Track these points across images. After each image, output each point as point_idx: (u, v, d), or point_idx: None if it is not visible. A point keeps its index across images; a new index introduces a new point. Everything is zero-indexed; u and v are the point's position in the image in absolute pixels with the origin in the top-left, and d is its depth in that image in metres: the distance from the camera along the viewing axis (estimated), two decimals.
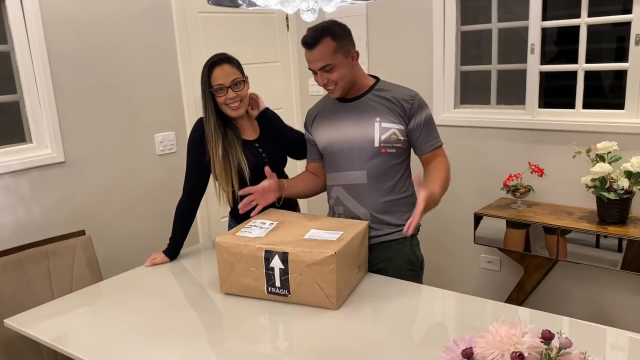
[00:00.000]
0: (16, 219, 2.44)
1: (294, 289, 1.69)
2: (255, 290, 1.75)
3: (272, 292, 1.73)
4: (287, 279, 1.69)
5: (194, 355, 1.49)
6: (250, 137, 2.16)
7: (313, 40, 1.85)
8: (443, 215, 3.18)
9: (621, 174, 2.45)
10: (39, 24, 2.43)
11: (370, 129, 1.92)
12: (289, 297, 1.71)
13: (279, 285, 1.71)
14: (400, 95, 1.93)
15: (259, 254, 1.71)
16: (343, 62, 1.88)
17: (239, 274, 1.76)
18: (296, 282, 1.68)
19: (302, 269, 1.66)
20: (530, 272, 2.81)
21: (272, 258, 1.70)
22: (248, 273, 1.75)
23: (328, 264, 1.63)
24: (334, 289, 1.65)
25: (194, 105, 3.01)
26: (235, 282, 1.78)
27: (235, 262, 1.76)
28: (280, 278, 1.70)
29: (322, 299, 1.67)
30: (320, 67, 1.87)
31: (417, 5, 3.07)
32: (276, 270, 1.70)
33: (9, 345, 2.01)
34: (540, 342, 0.97)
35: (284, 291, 1.71)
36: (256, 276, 1.73)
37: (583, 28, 2.67)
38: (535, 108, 2.85)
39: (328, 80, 1.89)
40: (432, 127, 1.97)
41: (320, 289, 1.66)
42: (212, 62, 2.08)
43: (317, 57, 1.86)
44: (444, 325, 1.64)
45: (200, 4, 3.03)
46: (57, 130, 2.53)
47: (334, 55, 1.86)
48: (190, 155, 2.15)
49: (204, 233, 3.15)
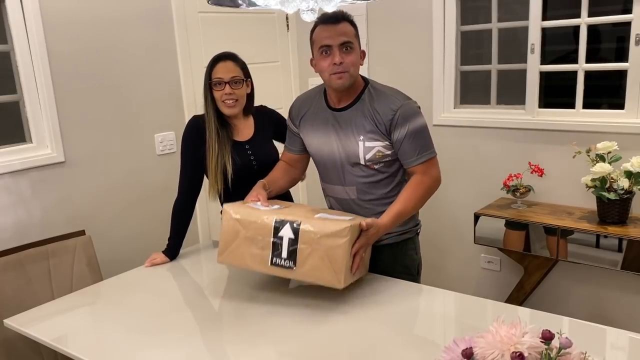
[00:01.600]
0: (16, 219, 2.44)
1: (301, 262, 1.61)
2: (257, 261, 1.68)
3: (276, 264, 1.65)
4: (296, 250, 1.62)
5: (193, 355, 1.49)
6: (242, 138, 2.16)
7: (338, 16, 1.78)
8: (443, 215, 3.18)
9: (621, 174, 2.45)
10: (39, 24, 2.43)
11: (355, 147, 1.85)
12: (293, 269, 1.63)
13: (285, 257, 1.63)
14: (382, 110, 1.82)
15: (269, 222, 1.66)
16: (358, 51, 1.83)
17: (243, 242, 1.68)
18: (304, 254, 1.61)
19: (313, 241, 1.60)
20: (530, 272, 2.81)
21: (282, 227, 1.64)
22: (253, 241, 1.67)
23: (341, 236, 1.59)
24: (344, 265, 1.59)
25: (194, 105, 3.01)
26: (236, 252, 1.70)
27: (241, 230, 1.69)
28: (288, 248, 1.63)
29: (329, 275, 1.60)
30: (341, 42, 1.77)
31: (417, 5, 3.07)
32: (285, 239, 1.63)
33: (9, 345, 2.01)
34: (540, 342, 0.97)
35: (290, 263, 1.63)
36: (262, 245, 1.66)
37: (583, 28, 2.67)
38: (535, 108, 2.85)
39: (344, 60, 1.77)
40: (418, 141, 1.82)
41: (330, 263, 1.59)
42: (218, 56, 2.10)
43: (340, 31, 1.77)
44: (444, 325, 1.64)
45: (200, 4, 3.03)
46: (57, 130, 2.53)
47: (355, 38, 1.81)
48: (186, 152, 2.15)
49: (203, 233, 3.15)
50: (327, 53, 1.79)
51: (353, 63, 1.80)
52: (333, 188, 1.98)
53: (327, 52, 1.79)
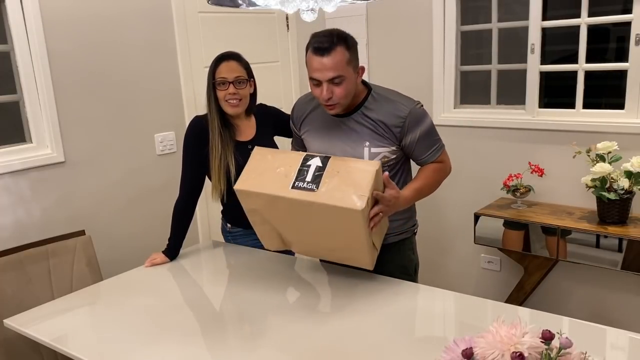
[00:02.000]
0: (16, 219, 2.44)
1: (323, 184, 1.61)
2: (277, 185, 1.65)
3: (298, 187, 1.63)
4: (321, 175, 1.62)
5: (193, 355, 1.49)
6: (244, 138, 2.16)
7: (329, 45, 1.67)
8: (443, 215, 3.18)
9: (621, 174, 2.45)
10: (39, 24, 2.43)
11: (359, 153, 1.82)
12: (315, 191, 1.60)
13: (309, 180, 1.63)
14: (389, 119, 1.80)
15: (298, 157, 1.69)
16: (351, 77, 1.74)
17: (268, 168, 1.68)
18: (329, 177, 1.61)
19: (341, 167, 1.62)
20: (530, 272, 2.81)
21: (312, 158, 1.67)
22: (278, 170, 1.67)
23: (371, 169, 1.60)
24: (368, 191, 1.56)
25: (194, 105, 3.01)
26: (258, 178, 1.69)
27: (270, 158, 1.70)
28: (314, 173, 1.63)
29: (349, 198, 1.56)
30: (330, 78, 1.69)
31: (417, 5, 3.07)
32: (312, 167, 1.65)
33: (9, 345, 2.01)
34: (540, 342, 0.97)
35: (312, 185, 1.61)
36: (287, 172, 1.66)
37: (583, 28, 2.67)
38: (535, 108, 2.85)
39: (333, 95, 1.72)
40: (429, 140, 1.86)
41: (353, 186, 1.57)
42: (221, 56, 2.10)
43: (329, 65, 1.68)
44: (444, 325, 1.64)
45: (200, 4, 3.03)
46: (57, 130, 2.53)
47: (346, 67, 1.70)
48: (188, 153, 2.15)
49: (203, 233, 3.15)
50: (318, 84, 1.74)
51: (343, 95, 1.74)
52: None
53: (317, 84, 1.74)
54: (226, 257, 2.24)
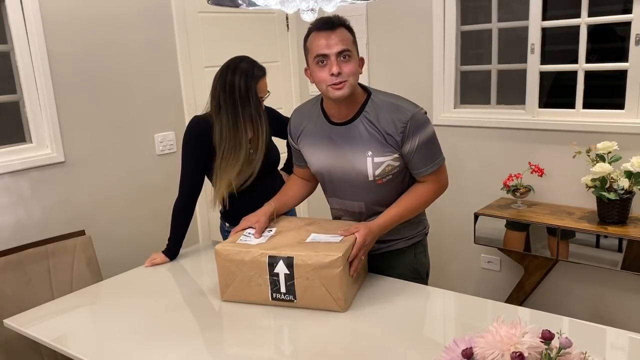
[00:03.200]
0: (16, 219, 2.44)
1: (300, 294, 1.65)
2: (258, 297, 1.71)
3: (277, 299, 1.68)
4: (293, 284, 1.65)
5: (193, 355, 1.49)
6: None
7: (334, 22, 1.66)
8: (443, 215, 3.18)
9: (621, 174, 2.45)
10: (39, 24, 2.43)
11: (363, 163, 1.76)
12: (295, 302, 1.67)
13: (284, 291, 1.67)
14: (391, 123, 1.72)
15: (262, 259, 1.66)
16: (356, 59, 1.70)
17: (241, 282, 1.71)
18: (302, 286, 1.64)
19: (309, 273, 1.62)
20: (530, 272, 2.81)
21: (276, 263, 1.65)
22: (251, 280, 1.69)
23: (335, 267, 1.60)
24: (342, 292, 1.62)
25: (194, 105, 3.01)
26: (237, 290, 1.73)
27: (237, 271, 1.71)
28: (285, 283, 1.66)
29: (329, 302, 1.64)
30: (339, 51, 1.64)
31: (417, 5, 3.07)
32: (281, 275, 1.65)
33: (9, 345, 2.01)
34: (540, 342, 0.97)
35: (290, 296, 1.67)
36: (259, 283, 1.69)
37: (583, 28, 2.67)
38: (535, 108, 2.85)
39: (342, 70, 1.65)
40: (428, 150, 1.77)
41: (328, 292, 1.62)
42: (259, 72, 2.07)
43: (337, 39, 1.64)
44: (444, 325, 1.64)
45: (200, 4, 3.03)
46: (57, 130, 2.53)
47: (352, 45, 1.69)
48: (189, 153, 2.11)
49: (203, 233, 3.15)
50: (324, 63, 1.67)
51: (352, 72, 1.68)
52: (339, 202, 1.92)
53: (324, 61, 1.67)
54: None
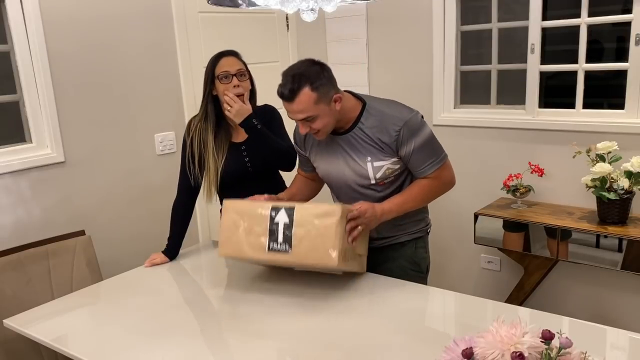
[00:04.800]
0: (16, 219, 2.44)
1: (296, 244, 1.68)
2: (255, 249, 1.74)
3: (273, 249, 1.71)
4: (290, 234, 1.69)
5: (193, 355, 1.49)
6: (239, 139, 2.15)
7: (290, 92, 1.71)
8: (443, 216, 3.18)
9: (621, 174, 2.45)
10: (39, 24, 2.43)
11: (364, 168, 1.85)
12: (289, 252, 1.69)
13: (280, 241, 1.70)
14: (384, 135, 1.80)
15: (265, 211, 1.73)
16: (325, 111, 1.76)
17: (242, 233, 1.76)
18: (299, 236, 1.68)
19: (307, 222, 1.67)
20: (530, 272, 2.81)
21: (277, 213, 1.71)
22: (252, 232, 1.74)
23: (333, 215, 1.65)
24: (338, 244, 1.64)
25: (194, 105, 3.00)
26: (236, 244, 1.77)
27: (240, 222, 1.76)
28: (283, 232, 1.70)
29: (323, 253, 1.66)
30: (301, 119, 1.77)
31: (417, 5, 3.07)
32: (280, 224, 1.70)
33: (9, 345, 2.01)
34: (540, 342, 0.97)
35: (286, 246, 1.70)
36: (259, 233, 1.73)
37: (583, 28, 2.67)
38: (535, 108, 2.85)
39: (310, 128, 1.79)
40: (426, 151, 1.83)
41: (323, 242, 1.65)
42: (220, 53, 2.11)
43: (296, 109, 1.74)
44: (444, 325, 1.64)
45: (200, 4, 3.03)
46: (57, 130, 2.53)
47: (315, 106, 1.73)
48: (183, 152, 2.16)
49: (203, 233, 3.15)
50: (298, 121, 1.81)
51: (322, 126, 1.79)
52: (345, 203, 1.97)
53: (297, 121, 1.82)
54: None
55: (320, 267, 1.77)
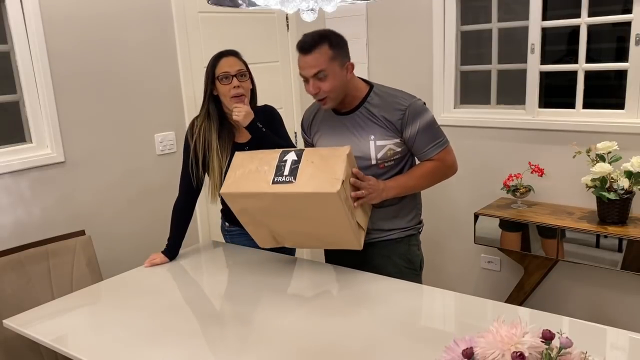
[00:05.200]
0: (16, 219, 2.44)
1: (300, 175, 1.72)
2: (258, 182, 1.76)
3: (277, 182, 1.74)
4: (297, 168, 1.74)
5: (193, 355, 1.49)
6: (242, 139, 2.15)
7: (309, 45, 1.80)
8: (443, 216, 3.18)
9: (621, 174, 2.45)
10: (39, 24, 2.42)
11: (366, 147, 1.90)
12: (293, 183, 1.72)
13: (286, 174, 1.74)
14: (389, 113, 1.88)
15: (275, 154, 1.80)
16: (337, 72, 1.83)
17: (248, 172, 1.79)
18: (304, 167, 1.73)
19: (315, 157, 1.74)
20: (530, 272, 2.81)
21: (287, 153, 1.79)
22: (259, 169, 1.78)
23: (341, 154, 1.73)
24: (341, 175, 1.68)
25: (194, 105, 3.01)
26: (240, 179, 1.80)
27: (248, 161, 1.82)
28: (290, 167, 1.75)
29: (325, 183, 1.68)
30: (313, 74, 1.81)
31: (417, 5, 3.07)
32: (288, 162, 1.76)
33: (9, 346, 2.01)
34: (540, 342, 0.97)
35: (290, 178, 1.73)
36: (266, 169, 1.77)
37: (583, 28, 2.67)
38: (535, 108, 2.85)
39: (320, 89, 1.83)
40: (430, 134, 1.90)
41: (327, 172, 1.70)
42: (220, 53, 2.12)
43: (311, 62, 1.81)
44: (444, 325, 1.64)
45: (200, 3, 3.03)
46: (57, 130, 2.53)
47: (329, 63, 1.81)
48: (186, 153, 2.16)
49: (203, 233, 3.15)
50: (307, 81, 1.87)
51: (330, 88, 1.84)
52: None
53: (306, 80, 1.87)
54: (226, 257, 2.24)
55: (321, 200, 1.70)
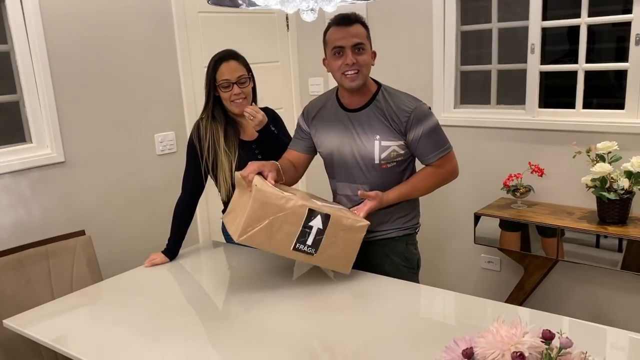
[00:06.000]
0: (16, 219, 2.44)
1: (322, 250, 1.75)
2: (279, 245, 1.73)
3: (299, 249, 1.74)
4: (321, 240, 1.74)
5: (193, 355, 1.49)
6: (248, 137, 2.16)
7: (351, 18, 1.83)
8: (443, 216, 3.18)
9: (621, 174, 2.45)
10: (39, 24, 2.43)
11: (370, 146, 1.90)
12: (313, 256, 1.75)
13: (309, 244, 1.74)
14: (395, 114, 1.89)
15: (302, 210, 1.72)
16: (369, 52, 1.88)
17: (270, 226, 1.70)
18: (326, 243, 1.74)
19: (338, 232, 1.75)
20: (530, 272, 2.81)
21: (314, 217, 1.73)
22: (281, 227, 1.71)
23: (361, 232, 1.78)
24: (354, 256, 1.79)
25: (194, 105, 3.01)
26: (260, 234, 1.70)
27: (270, 215, 1.69)
28: (314, 237, 1.73)
29: (342, 263, 1.79)
30: (354, 44, 1.83)
31: (417, 5, 3.07)
32: (314, 229, 1.73)
33: (9, 346, 2.01)
34: (540, 342, 0.97)
35: (312, 250, 1.74)
36: (289, 232, 1.72)
37: (583, 28, 2.67)
38: (535, 108, 2.85)
39: (357, 61, 1.83)
40: (433, 139, 1.91)
41: (345, 253, 1.78)
42: (220, 57, 2.09)
43: (353, 32, 1.83)
44: (444, 325, 1.64)
45: (200, 4, 3.03)
46: (57, 130, 2.53)
47: (366, 39, 1.87)
48: (190, 154, 2.16)
49: (203, 233, 3.15)
50: (340, 54, 1.85)
51: (365, 63, 1.86)
52: (344, 186, 2.01)
53: (340, 52, 1.84)
54: (226, 257, 2.24)
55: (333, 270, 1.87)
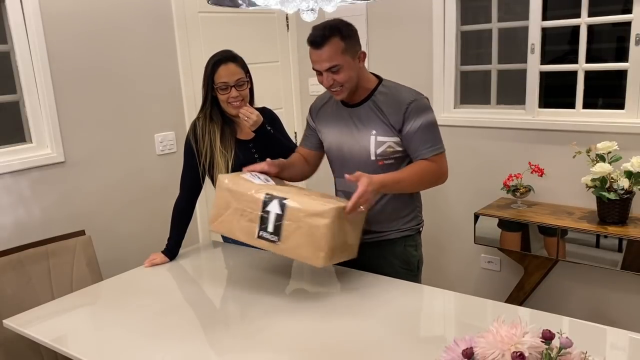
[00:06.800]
0: (16, 219, 2.44)
1: (285, 238, 1.68)
2: (244, 233, 1.75)
3: (262, 237, 1.72)
4: (281, 226, 1.68)
5: (193, 355, 1.49)
6: (246, 136, 2.16)
7: (321, 39, 1.79)
8: (443, 215, 3.18)
9: (621, 174, 2.45)
10: (39, 24, 2.43)
11: (366, 141, 1.90)
12: (277, 244, 1.69)
13: (271, 231, 1.70)
14: (393, 107, 1.87)
15: (258, 196, 1.72)
16: (350, 63, 1.83)
17: (233, 213, 1.76)
18: (289, 230, 1.67)
19: (298, 218, 1.66)
20: (530, 272, 2.81)
21: (270, 202, 1.70)
22: (243, 213, 1.74)
23: (324, 217, 1.63)
24: (326, 246, 1.64)
25: (194, 105, 3.01)
26: (227, 222, 1.78)
27: (232, 202, 1.76)
28: (274, 223, 1.69)
29: (310, 252, 1.66)
30: (327, 68, 1.81)
31: (417, 5, 3.07)
32: (272, 214, 1.69)
33: (9, 346, 2.01)
34: (540, 342, 0.97)
35: (275, 237, 1.69)
36: (250, 218, 1.73)
37: (583, 28, 2.67)
38: (535, 108, 2.85)
39: (334, 81, 1.83)
40: (429, 134, 1.87)
41: (311, 242, 1.65)
42: (218, 59, 2.09)
43: (324, 57, 1.80)
44: (444, 325, 1.64)
45: (200, 4, 3.03)
46: (57, 130, 2.53)
47: (342, 55, 1.81)
48: (188, 153, 2.16)
49: (203, 233, 3.15)
50: (320, 74, 1.86)
51: (346, 79, 1.84)
52: (341, 182, 2.01)
53: (320, 73, 1.86)
54: (226, 257, 2.24)
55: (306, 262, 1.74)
